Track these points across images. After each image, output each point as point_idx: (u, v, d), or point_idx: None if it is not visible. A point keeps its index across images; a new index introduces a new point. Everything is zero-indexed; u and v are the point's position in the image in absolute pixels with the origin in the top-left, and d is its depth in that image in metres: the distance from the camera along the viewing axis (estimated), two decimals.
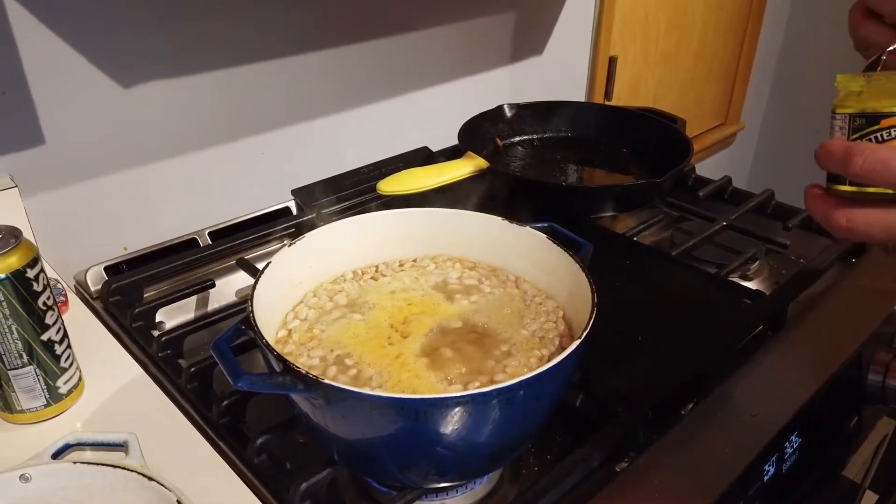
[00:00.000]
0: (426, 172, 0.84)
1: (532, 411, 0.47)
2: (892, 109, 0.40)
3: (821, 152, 0.41)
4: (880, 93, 0.40)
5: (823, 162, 0.41)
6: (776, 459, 0.60)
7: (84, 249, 0.80)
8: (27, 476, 0.47)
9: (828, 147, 0.41)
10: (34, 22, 0.69)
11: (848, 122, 0.41)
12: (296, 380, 0.43)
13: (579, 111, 1.07)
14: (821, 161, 0.42)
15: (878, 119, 0.40)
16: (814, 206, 0.43)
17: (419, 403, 0.42)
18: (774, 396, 0.63)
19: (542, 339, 0.54)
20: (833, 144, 0.41)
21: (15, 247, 0.50)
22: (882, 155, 0.39)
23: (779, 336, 0.70)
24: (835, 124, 0.42)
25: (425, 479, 0.50)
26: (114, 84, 0.77)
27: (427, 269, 0.62)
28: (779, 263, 0.86)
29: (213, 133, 0.87)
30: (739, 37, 1.79)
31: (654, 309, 0.73)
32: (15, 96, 0.70)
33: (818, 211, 0.43)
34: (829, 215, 0.42)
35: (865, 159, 0.39)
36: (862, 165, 0.39)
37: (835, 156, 0.41)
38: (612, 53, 1.41)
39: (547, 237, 0.58)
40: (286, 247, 0.57)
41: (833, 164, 0.41)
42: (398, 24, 1.00)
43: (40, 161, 0.74)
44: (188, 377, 0.61)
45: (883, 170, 0.38)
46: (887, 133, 0.40)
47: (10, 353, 0.52)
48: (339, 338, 0.54)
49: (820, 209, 0.42)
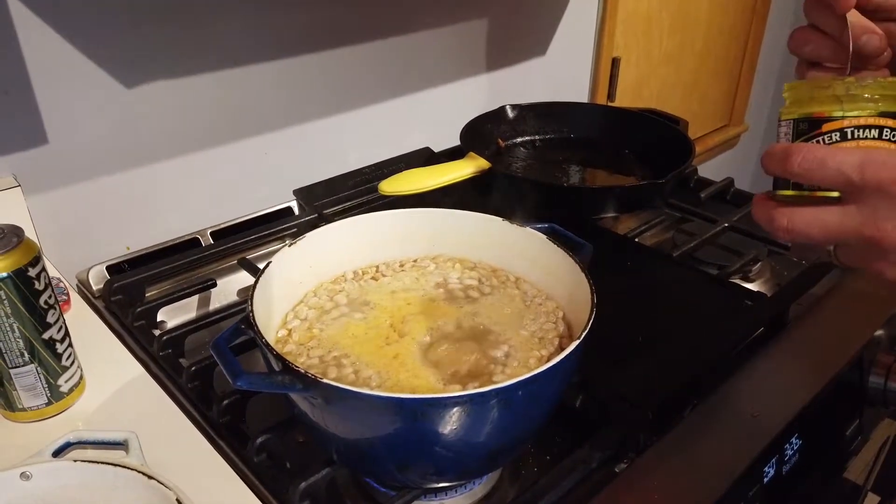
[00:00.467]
0: (428, 173, 0.84)
1: (531, 412, 0.47)
2: (834, 114, 0.40)
3: (764, 155, 0.42)
4: (823, 99, 0.41)
5: (766, 164, 0.42)
6: (776, 461, 0.60)
7: (87, 249, 0.80)
8: (28, 474, 0.47)
9: (770, 149, 0.42)
10: (37, 22, 0.69)
11: (792, 128, 0.42)
12: (295, 379, 0.43)
13: (581, 112, 1.07)
14: (764, 164, 0.42)
15: (820, 123, 0.41)
16: (758, 210, 0.43)
17: (417, 403, 0.42)
18: (775, 398, 0.63)
19: (542, 339, 0.54)
20: (775, 146, 0.42)
21: (17, 246, 0.50)
22: (818, 153, 0.39)
23: (780, 338, 0.70)
24: (780, 131, 0.43)
25: (424, 478, 0.50)
26: (117, 84, 0.77)
27: (427, 269, 0.62)
28: (781, 265, 0.86)
29: (216, 133, 0.87)
30: (743, 38, 1.78)
31: (655, 310, 0.73)
32: (18, 96, 0.71)
33: (762, 214, 0.43)
34: (771, 216, 0.42)
35: (803, 157, 0.39)
36: (800, 164, 0.39)
37: (775, 157, 0.41)
38: (615, 54, 1.41)
39: (547, 238, 0.58)
40: (287, 246, 0.57)
41: (774, 165, 0.41)
42: (401, 25, 1.00)
43: (43, 160, 0.74)
44: (189, 376, 0.62)
45: (818, 168, 0.39)
46: (828, 137, 0.40)
47: (12, 352, 0.52)
48: (338, 337, 0.54)
49: (763, 212, 0.43)
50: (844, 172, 0.38)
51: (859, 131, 0.40)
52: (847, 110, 0.40)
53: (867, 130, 0.40)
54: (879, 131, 0.40)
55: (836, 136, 0.40)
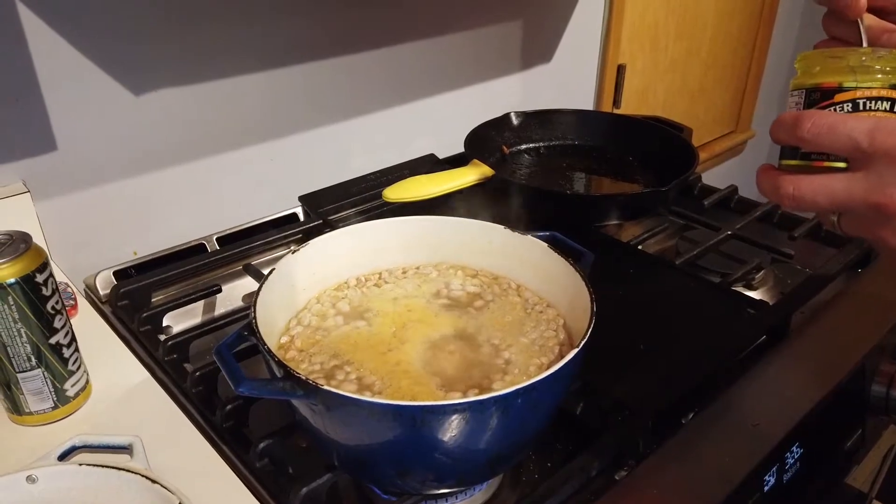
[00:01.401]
0: (432, 180, 0.84)
1: (530, 419, 0.47)
2: (846, 84, 0.41)
3: (773, 124, 0.42)
4: (836, 69, 0.41)
5: (774, 132, 0.42)
6: (777, 470, 0.60)
7: (94, 254, 0.81)
8: (34, 477, 0.47)
9: (780, 117, 0.42)
10: (47, 30, 0.70)
11: (804, 97, 0.42)
12: (296, 386, 0.43)
13: (585, 119, 1.08)
14: (772, 131, 0.42)
15: (832, 93, 0.41)
16: (763, 180, 0.43)
17: (417, 410, 0.42)
18: (776, 406, 0.63)
19: (542, 347, 0.54)
20: (785, 114, 0.42)
21: (25, 252, 0.51)
22: (829, 119, 0.39)
23: (782, 346, 0.70)
24: (790, 101, 0.43)
25: (424, 485, 0.50)
26: (125, 91, 0.78)
27: (429, 276, 0.63)
28: (784, 273, 0.86)
29: (223, 140, 0.88)
30: (750, 45, 1.78)
31: (657, 317, 0.73)
32: (28, 103, 0.72)
33: (767, 184, 0.43)
34: (777, 184, 0.42)
35: (813, 123, 0.39)
36: (809, 129, 0.39)
37: (785, 124, 0.41)
38: (620, 61, 1.41)
39: (548, 246, 0.58)
40: (290, 253, 0.58)
41: (783, 133, 0.41)
42: (406, 33, 1.01)
43: (52, 167, 0.75)
44: (193, 381, 0.62)
45: (828, 133, 0.39)
46: (840, 108, 0.41)
47: (19, 356, 0.53)
48: (340, 344, 0.54)
49: (768, 181, 0.43)
50: (854, 138, 0.38)
51: (872, 103, 0.40)
52: (861, 81, 0.40)
53: (880, 102, 0.40)
54: (892, 103, 0.40)
55: (849, 107, 0.40)
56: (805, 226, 0.90)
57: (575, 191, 0.96)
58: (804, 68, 0.43)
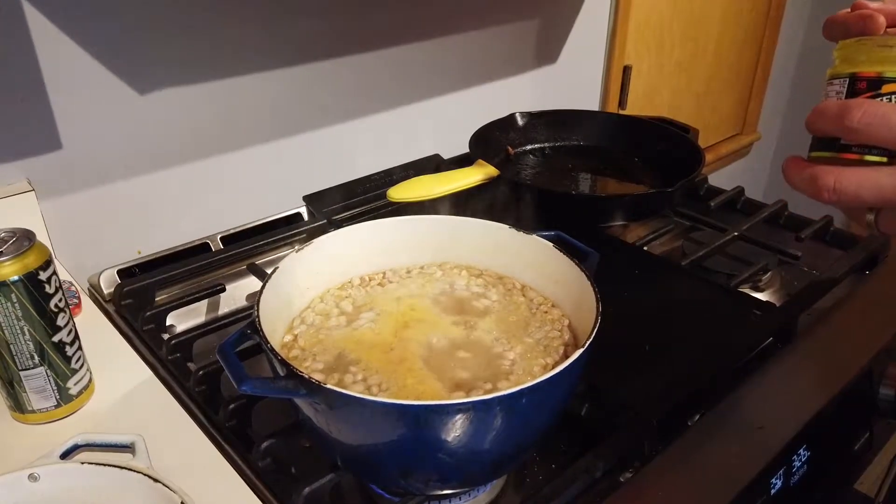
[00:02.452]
0: (436, 180, 0.84)
1: (535, 419, 0.47)
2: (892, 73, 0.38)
3: (812, 114, 0.40)
4: (884, 58, 0.39)
5: (815, 121, 0.40)
6: (784, 472, 0.59)
7: (98, 252, 0.81)
8: (36, 475, 0.47)
9: (821, 107, 0.39)
10: (53, 29, 0.70)
11: (847, 86, 0.40)
12: (299, 384, 0.43)
13: (590, 120, 1.07)
14: (812, 121, 0.40)
15: (880, 84, 0.39)
16: (795, 173, 0.41)
17: (421, 410, 0.42)
18: (783, 409, 0.63)
19: (547, 347, 0.54)
20: (827, 103, 0.39)
21: (28, 249, 0.51)
22: (882, 109, 0.37)
23: (788, 348, 0.70)
24: (830, 90, 0.41)
25: (427, 485, 0.50)
26: (130, 91, 0.78)
27: (434, 276, 0.63)
28: (791, 275, 0.86)
29: (227, 139, 0.88)
30: (756, 46, 1.78)
31: (663, 319, 0.73)
32: (33, 102, 0.72)
33: (799, 176, 0.40)
34: (814, 175, 0.39)
35: (865, 112, 0.37)
36: (860, 119, 0.37)
37: (828, 113, 0.39)
38: (626, 62, 1.41)
39: (553, 246, 0.58)
40: (294, 252, 0.57)
41: (825, 121, 0.39)
42: (411, 33, 1.01)
43: (57, 165, 0.75)
44: (196, 380, 0.62)
45: (882, 124, 0.37)
46: (888, 98, 0.38)
47: (22, 354, 0.53)
48: (344, 343, 0.54)
49: (802, 174, 0.40)
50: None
51: None
52: None
53: None
54: None
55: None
56: (812, 227, 0.89)
57: (580, 191, 0.95)
58: (845, 56, 0.41)
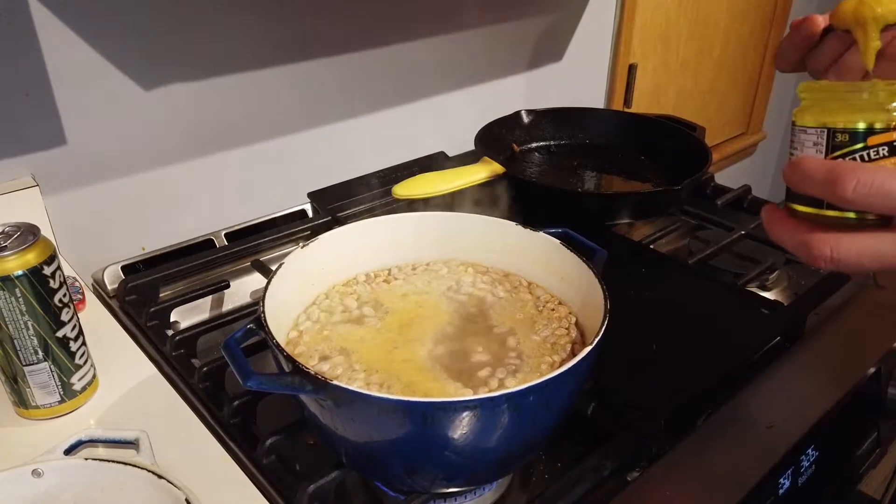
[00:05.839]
0: (442, 177, 0.84)
1: (542, 418, 0.46)
2: (877, 125, 0.35)
3: (796, 173, 0.36)
4: (864, 106, 0.35)
5: (798, 183, 0.36)
6: (792, 473, 0.59)
7: (102, 248, 0.81)
8: (39, 471, 0.47)
9: (805, 167, 0.36)
10: (58, 24, 0.70)
11: (826, 139, 0.36)
12: (305, 381, 0.43)
13: (597, 118, 1.07)
14: (794, 182, 0.36)
15: (864, 136, 0.35)
16: (782, 232, 0.37)
17: (427, 407, 0.41)
18: (791, 408, 0.62)
19: (554, 345, 0.53)
20: (811, 164, 0.35)
21: (33, 244, 0.51)
22: (878, 177, 0.33)
23: (796, 348, 0.69)
24: (804, 139, 0.37)
25: (433, 483, 0.50)
26: (135, 87, 0.78)
27: (440, 273, 0.62)
28: (798, 274, 0.85)
29: (232, 136, 0.88)
30: (762, 45, 1.77)
31: (670, 318, 0.72)
32: (38, 97, 0.72)
33: (789, 238, 0.37)
34: (808, 243, 0.36)
35: (859, 182, 0.33)
36: (855, 189, 0.33)
37: (815, 178, 0.35)
38: (632, 61, 1.40)
39: (561, 243, 0.58)
40: (299, 248, 0.57)
41: (813, 188, 0.35)
42: (417, 30, 1.01)
43: (61, 161, 0.75)
44: (200, 377, 0.62)
45: (878, 194, 0.33)
46: (875, 152, 0.35)
47: (26, 349, 0.52)
48: (349, 340, 0.54)
49: (791, 235, 0.37)
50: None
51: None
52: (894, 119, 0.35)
53: None
54: None
55: (885, 151, 0.35)
56: None
57: (586, 189, 0.95)
58: (815, 101, 0.37)
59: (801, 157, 0.36)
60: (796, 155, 0.37)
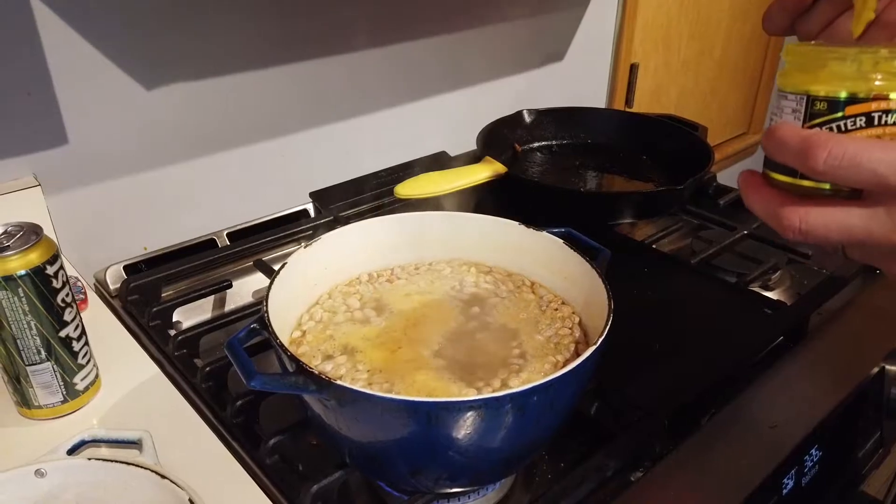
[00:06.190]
0: (444, 176, 0.84)
1: (545, 417, 0.46)
2: (859, 94, 0.33)
3: (771, 141, 0.35)
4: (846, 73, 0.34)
5: (773, 151, 0.35)
6: (795, 473, 0.59)
7: (105, 248, 0.80)
8: (42, 471, 0.47)
9: (780, 133, 0.34)
10: (60, 24, 0.70)
11: (804, 105, 0.35)
12: (308, 380, 0.43)
13: (599, 117, 1.07)
14: (770, 149, 0.35)
15: (843, 105, 0.34)
16: (755, 200, 0.36)
17: (431, 406, 0.41)
18: (794, 408, 0.62)
19: (558, 344, 0.53)
20: (786, 131, 0.34)
21: (35, 243, 0.51)
22: (849, 149, 0.32)
23: (799, 347, 0.69)
24: (784, 105, 0.36)
25: (437, 483, 0.49)
26: (137, 86, 0.77)
27: (442, 272, 0.62)
28: (801, 273, 0.85)
29: (234, 135, 0.88)
30: (763, 45, 1.77)
31: (673, 317, 0.72)
32: (40, 97, 0.71)
33: (761, 207, 0.36)
34: (778, 213, 0.35)
35: (830, 154, 0.32)
36: (826, 160, 0.32)
37: (789, 147, 0.34)
38: (633, 61, 1.40)
39: (564, 242, 0.57)
40: (302, 248, 0.57)
41: (787, 156, 0.34)
42: (418, 30, 1.01)
43: (63, 160, 0.75)
44: (203, 376, 0.62)
45: (850, 167, 0.32)
46: (852, 122, 0.34)
47: (29, 349, 0.52)
48: (353, 339, 0.54)
49: (764, 206, 0.36)
50: (880, 174, 0.32)
51: (888, 116, 0.33)
52: (876, 90, 0.33)
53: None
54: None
55: (862, 122, 0.34)
56: None
57: (589, 189, 0.95)
58: (799, 65, 0.35)
59: (778, 124, 0.35)
60: (775, 121, 0.36)
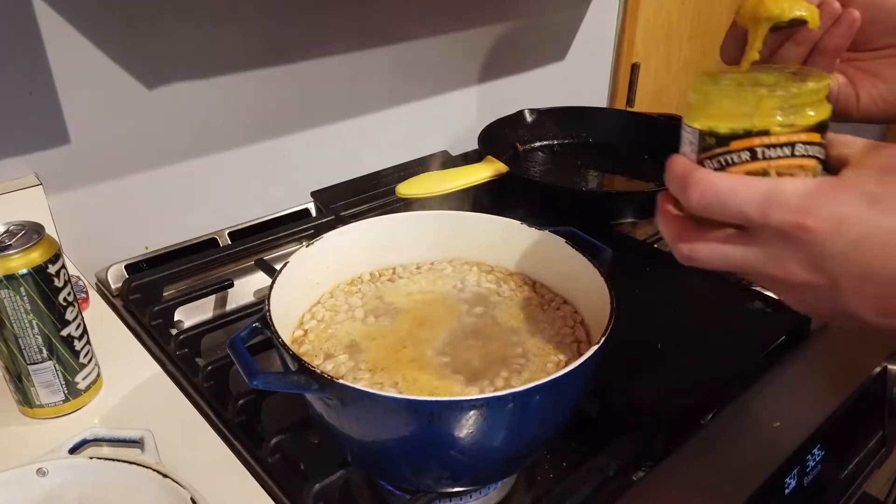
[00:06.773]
0: (445, 176, 0.83)
1: (548, 417, 0.46)
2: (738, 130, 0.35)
3: (666, 172, 0.37)
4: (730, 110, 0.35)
5: (667, 183, 0.37)
6: (798, 472, 0.59)
7: (106, 248, 0.80)
8: (44, 470, 0.47)
9: (670, 167, 0.37)
10: (62, 23, 0.70)
11: (698, 139, 0.36)
12: (310, 379, 0.43)
13: (600, 117, 1.07)
14: (666, 181, 0.37)
15: (727, 140, 0.35)
16: (661, 223, 0.39)
17: (433, 405, 0.41)
18: (796, 408, 0.62)
19: (560, 344, 0.53)
20: (676, 166, 0.36)
21: (37, 242, 0.51)
22: (718, 188, 0.34)
23: (801, 347, 0.69)
24: (684, 137, 0.38)
25: (439, 482, 0.49)
26: (138, 85, 0.77)
27: (444, 272, 0.62)
28: None
29: (235, 135, 0.88)
30: None
31: (674, 317, 0.72)
32: (42, 96, 0.71)
33: (664, 229, 0.38)
34: (674, 240, 0.38)
35: (701, 193, 0.34)
36: (698, 200, 0.34)
37: (675, 178, 0.36)
38: (634, 60, 1.40)
39: (566, 242, 0.57)
40: (304, 247, 0.57)
41: (674, 189, 0.37)
42: (420, 29, 1.00)
43: (65, 160, 0.75)
44: (205, 376, 0.62)
45: (718, 205, 0.34)
46: (737, 156, 0.35)
47: (31, 348, 0.52)
48: (355, 338, 0.54)
49: (665, 227, 0.38)
50: (745, 212, 0.34)
51: (771, 150, 0.35)
52: (757, 125, 0.34)
53: (778, 149, 0.35)
54: (791, 148, 0.35)
55: (746, 156, 0.35)
56: None
57: (590, 188, 0.95)
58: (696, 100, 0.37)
59: (673, 157, 0.37)
60: (680, 151, 0.38)
